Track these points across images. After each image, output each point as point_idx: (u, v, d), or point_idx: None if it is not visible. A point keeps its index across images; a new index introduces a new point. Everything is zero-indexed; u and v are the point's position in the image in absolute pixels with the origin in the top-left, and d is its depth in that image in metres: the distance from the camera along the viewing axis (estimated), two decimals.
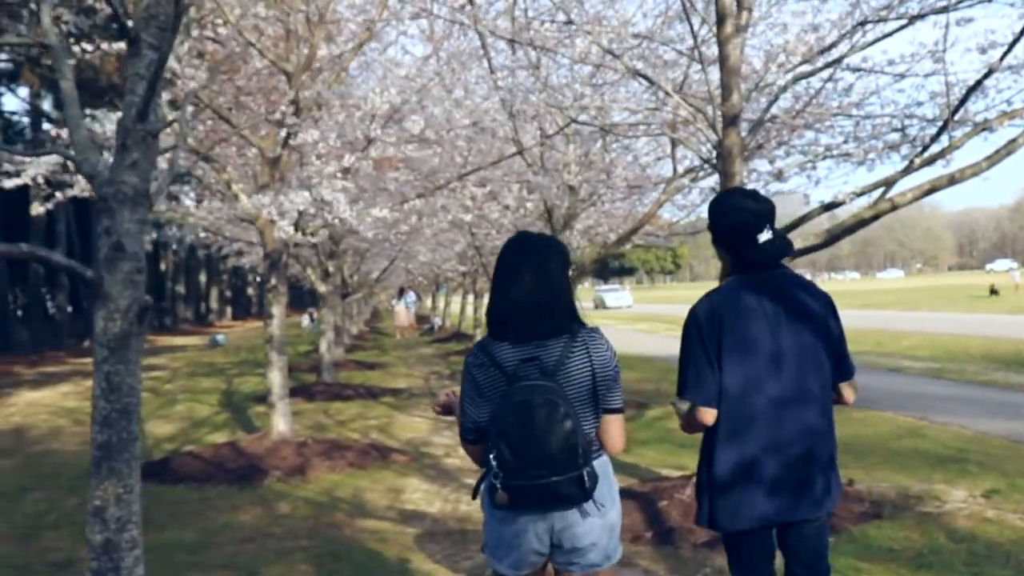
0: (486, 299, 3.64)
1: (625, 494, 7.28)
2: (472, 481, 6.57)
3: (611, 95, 8.60)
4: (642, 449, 9.42)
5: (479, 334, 27.12)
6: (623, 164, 12.95)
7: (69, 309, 55.12)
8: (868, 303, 48.54)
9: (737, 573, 3.56)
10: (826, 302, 3.44)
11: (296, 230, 9.73)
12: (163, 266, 56.71)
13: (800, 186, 10.03)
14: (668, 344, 25.17)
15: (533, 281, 3.07)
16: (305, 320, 39.99)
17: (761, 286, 3.37)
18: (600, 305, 66.53)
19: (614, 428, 3.14)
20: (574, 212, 12.76)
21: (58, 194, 10.61)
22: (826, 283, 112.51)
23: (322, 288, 16.08)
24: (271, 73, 9.81)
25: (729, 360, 3.29)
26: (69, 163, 9.61)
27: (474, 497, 3.16)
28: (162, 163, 6.98)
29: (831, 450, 3.41)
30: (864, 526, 6.33)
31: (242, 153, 10.20)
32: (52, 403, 16.44)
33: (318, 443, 9.74)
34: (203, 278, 63.18)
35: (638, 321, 41.47)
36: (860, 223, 6.68)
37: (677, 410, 3.48)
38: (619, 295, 71.74)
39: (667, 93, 7.35)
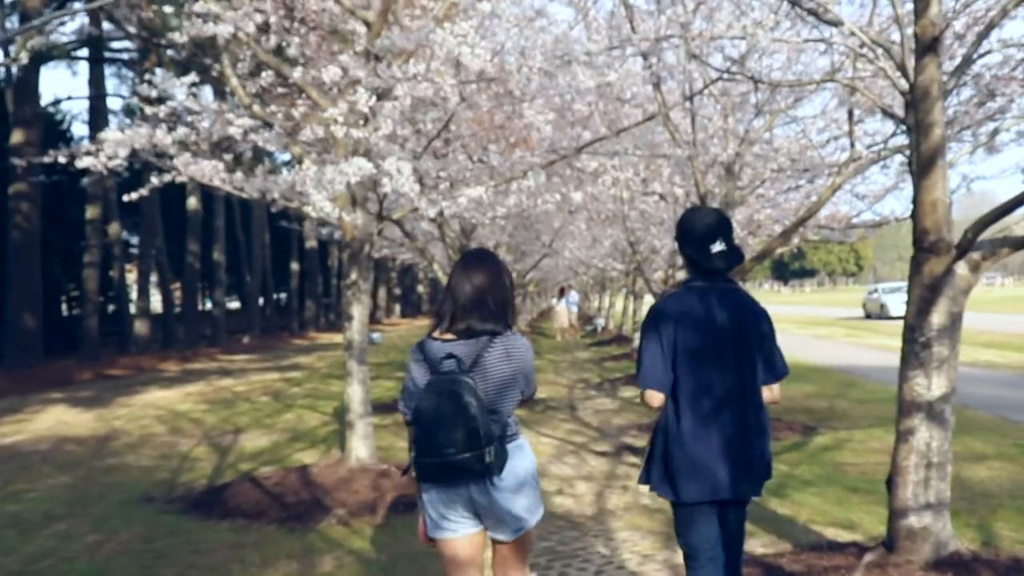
0: (646, 300, 3.80)
1: (772, 573, 5.37)
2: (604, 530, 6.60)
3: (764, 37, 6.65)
4: (802, 494, 7.35)
5: (636, 337, 25.26)
6: (791, 142, 10.88)
7: (234, 304, 56.13)
8: None
9: (691, 542, 3.91)
10: (763, 315, 3.90)
11: (380, 217, 8.16)
12: (330, 263, 56.83)
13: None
14: (848, 352, 22.58)
15: (471, 288, 3.55)
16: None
17: (711, 295, 3.83)
18: (878, 313, 43.97)
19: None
20: (732, 199, 10.74)
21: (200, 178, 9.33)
22: None
23: None
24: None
25: (679, 355, 3.74)
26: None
27: (403, 474, 3.66)
28: None
29: (763, 442, 3.84)
30: None
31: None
32: (167, 404, 15.49)
33: (402, 471, 8.09)
34: (371, 276, 63.17)
35: (815, 325, 38.40)
36: None
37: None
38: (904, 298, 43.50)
39: (830, 23, 5.34)
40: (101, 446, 11.15)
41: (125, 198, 11.02)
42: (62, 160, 9.17)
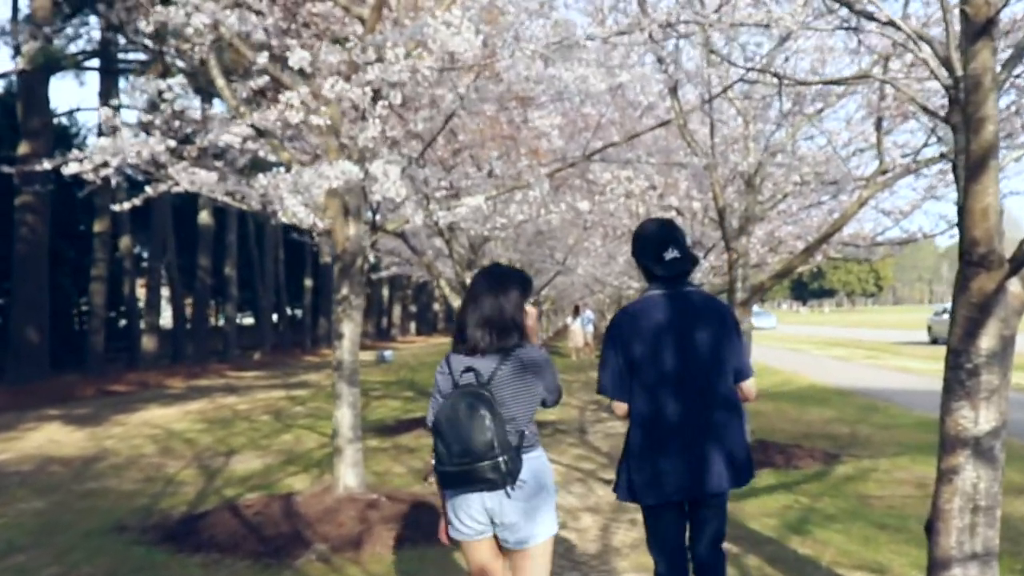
0: None
1: None
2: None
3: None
4: (826, 531, 6.73)
5: None
6: (815, 153, 10.32)
7: (248, 320, 55.79)
8: None
9: (652, 545, 4.09)
10: (726, 315, 4.00)
11: (373, 227, 7.65)
12: None
13: None
14: (869, 374, 21.91)
15: (489, 304, 3.69)
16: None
17: (670, 301, 3.93)
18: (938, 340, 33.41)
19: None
20: (753, 214, 10.16)
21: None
22: None
23: (458, 303, 13.97)
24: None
25: (640, 363, 3.87)
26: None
27: (424, 480, 4.08)
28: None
29: (734, 438, 3.89)
30: None
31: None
32: (163, 423, 14.99)
33: (393, 502, 7.48)
34: (385, 293, 62.77)
35: (834, 346, 37.67)
36: None
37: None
38: None
39: (865, 15, 4.79)
40: (86, 468, 10.63)
41: (116, 208, 10.62)
42: (47, 167, 8.80)
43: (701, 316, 3.92)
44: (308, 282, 47.76)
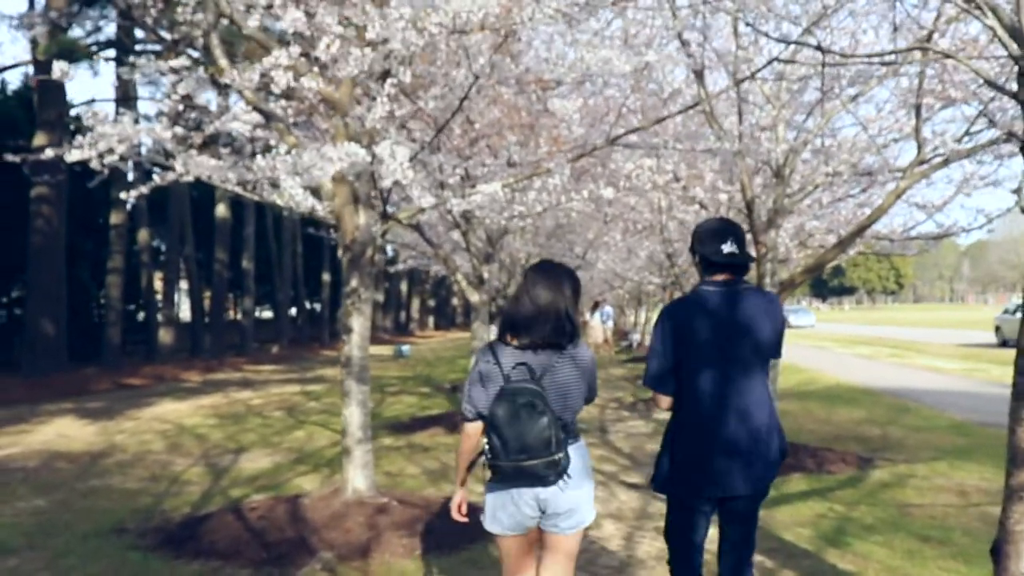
0: None
1: None
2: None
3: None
4: (866, 544, 6.28)
5: None
6: (854, 141, 9.85)
7: (268, 314, 55.62)
8: None
9: (672, 535, 4.00)
10: (778, 314, 3.90)
11: (384, 216, 7.26)
12: None
13: None
14: (895, 373, 21.39)
15: (545, 299, 3.68)
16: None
17: (720, 296, 3.84)
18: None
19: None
20: (781, 207, 9.72)
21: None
22: None
23: (475, 298, 13.56)
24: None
25: (686, 357, 3.80)
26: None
27: (469, 471, 3.83)
28: None
29: (770, 436, 3.83)
30: None
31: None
32: (175, 418, 14.65)
33: (405, 506, 7.08)
34: (404, 287, 62.45)
35: (858, 344, 37.05)
36: None
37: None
38: None
39: None
40: (92, 464, 10.28)
41: (123, 196, 10.30)
42: (50, 154, 8.51)
43: (753, 316, 3.82)
44: (326, 276, 47.43)
